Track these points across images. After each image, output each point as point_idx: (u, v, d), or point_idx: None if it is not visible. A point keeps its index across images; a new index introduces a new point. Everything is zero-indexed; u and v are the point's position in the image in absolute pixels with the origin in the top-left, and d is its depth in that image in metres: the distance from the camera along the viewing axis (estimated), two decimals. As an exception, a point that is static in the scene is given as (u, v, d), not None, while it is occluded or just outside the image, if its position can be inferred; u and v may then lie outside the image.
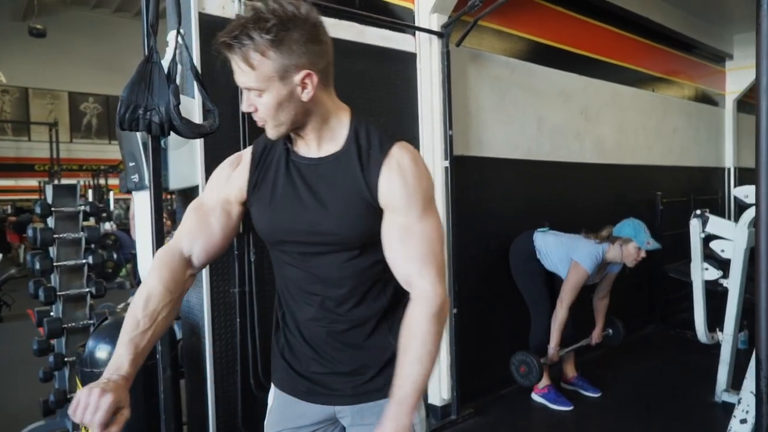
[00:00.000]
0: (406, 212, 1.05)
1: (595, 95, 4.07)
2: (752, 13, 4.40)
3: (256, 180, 1.13)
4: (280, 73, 0.98)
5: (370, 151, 1.07)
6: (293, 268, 1.14)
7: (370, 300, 1.12)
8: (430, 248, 1.05)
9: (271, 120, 1.04)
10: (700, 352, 3.97)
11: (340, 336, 1.13)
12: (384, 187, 1.05)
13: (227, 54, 0.99)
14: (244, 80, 1.00)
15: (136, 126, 1.76)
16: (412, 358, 1.00)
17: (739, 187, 3.02)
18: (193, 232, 1.13)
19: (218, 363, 2.21)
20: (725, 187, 5.85)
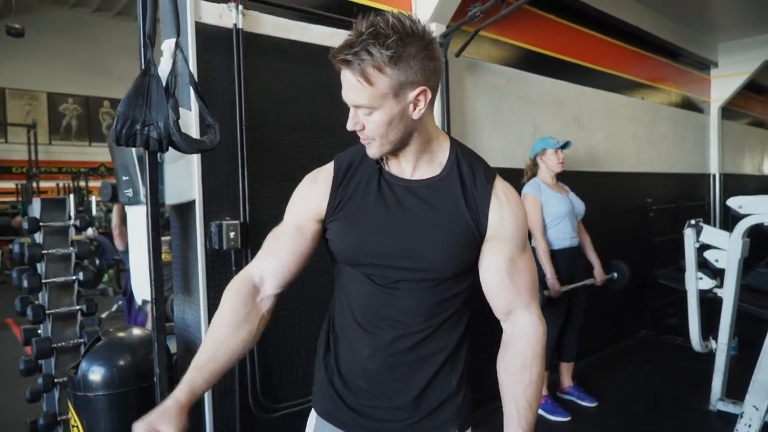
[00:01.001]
0: (513, 244, 1.05)
1: (587, 103, 4.09)
2: (737, 23, 4.49)
3: (341, 198, 1.09)
4: (395, 89, 0.96)
5: (476, 181, 1.06)
6: (370, 291, 1.08)
7: (442, 333, 1.09)
8: (532, 281, 1.08)
9: (380, 138, 1.01)
10: (691, 359, 4.00)
11: (403, 368, 1.08)
12: (494, 218, 1.05)
13: (343, 69, 0.97)
14: (356, 97, 0.98)
15: (134, 142, 1.69)
16: (534, 392, 1.04)
17: (733, 197, 3.04)
18: (264, 256, 1.12)
19: (216, 383, 2.14)
20: (711, 193, 5.92)
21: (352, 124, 1.02)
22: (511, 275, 1.05)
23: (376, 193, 1.07)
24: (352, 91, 0.97)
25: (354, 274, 1.11)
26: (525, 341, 1.06)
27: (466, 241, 1.04)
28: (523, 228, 1.07)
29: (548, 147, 3.09)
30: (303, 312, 2.39)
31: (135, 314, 4.25)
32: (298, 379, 2.41)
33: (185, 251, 2.20)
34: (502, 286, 1.06)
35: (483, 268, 1.07)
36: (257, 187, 2.26)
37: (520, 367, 1.04)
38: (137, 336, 2.08)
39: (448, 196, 1.05)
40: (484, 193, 1.04)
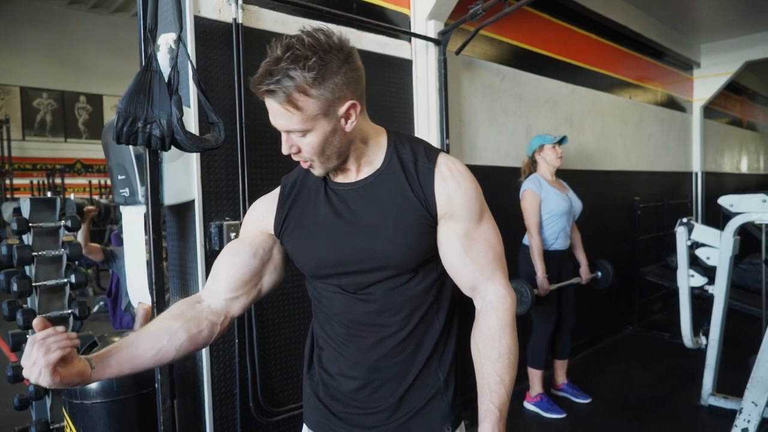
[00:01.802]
0: (467, 219, 1.03)
1: (579, 102, 4.11)
2: (719, 24, 4.57)
3: (286, 215, 1.09)
4: (324, 109, 0.94)
5: (417, 162, 1.04)
6: (341, 301, 1.07)
7: (423, 327, 1.07)
8: (494, 252, 1.05)
9: (318, 158, 1.00)
10: (678, 354, 4.08)
11: (388, 371, 1.07)
12: (441, 195, 1.02)
13: (267, 99, 0.95)
14: (286, 123, 0.95)
15: (135, 140, 1.63)
16: (504, 366, 0.99)
17: (723, 196, 3.09)
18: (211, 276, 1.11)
19: (216, 387, 2.09)
20: (693, 191, 6.03)
21: (286, 148, 0.99)
22: (468, 251, 1.03)
23: (324, 204, 1.06)
24: (281, 118, 0.95)
25: (323, 286, 1.10)
26: (492, 314, 1.03)
27: (420, 228, 1.02)
28: (474, 199, 1.04)
29: (545, 142, 3.10)
30: (303, 315, 2.35)
31: (120, 316, 4.14)
32: (298, 382, 2.35)
33: (183, 252, 2.14)
34: (461, 263, 1.03)
35: (441, 248, 1.04)
36: (257, 187, 2.20)
37: (488, 341, 1.01)
38: (135, 340, 2.01)
39: (393, 187, 1.03)
40: (426, 172, 1.02)
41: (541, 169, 3.13)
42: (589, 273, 3.33)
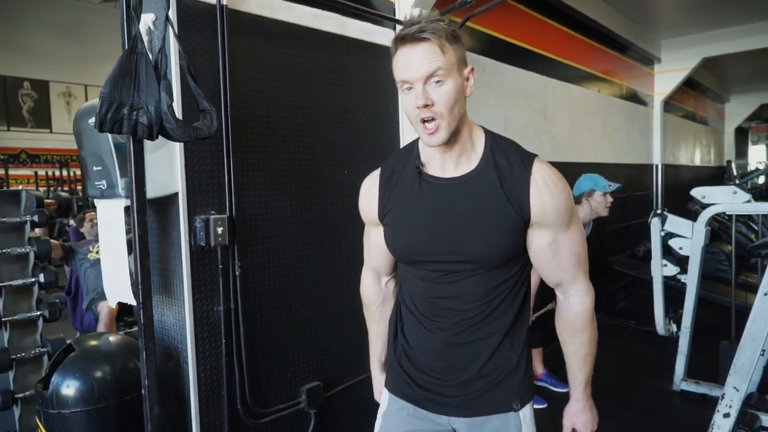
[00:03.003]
0: (556, 227, 1.12)
1: (553, 95, 4.15)
2: (678, 21, 4.68)
3: (386, 202, 1.20)
4: (458, 62, 1.07)
5: (513, 169, 1.10)
6: (426, 285, 1.19)
7: (498, 314, 1.18)
8: (578, 256, 1.16)
9: (448, 114, 1.06)
10: (645, 341, 4.22)
11: (464, 348, 1.18)
12: (536, 204, 1.10)
13: (412, 47, 1.04)
14: (430, 66, 1.03)
15: (120, 128, 1.50)
16: (585, 347, 1.19)
17: (696, 188, 3.18)
18: (368, 259, 1.37)
19: (203, 390, 1.98)
20: (654, 183, 6.23)
21: (423, 99, 1.04)
22: (555, 255, 1.14)
23: (419, 195, 1.15)
24: (427, 61, 1.03)
25: (411, 270, 1.22)
26: (572, 312, 1.18)
27: (510, 230, 1.11)
28: (565, 207, 1.12)
29: (598, 188, 2.94)
30: (291, 312, 2.27)
31: (81, 315, 3.92)
32: (287, 381, 2.28)
33: (164, 249, 2.01)
34: (548, 264, 1.16)
35: (530, 249, 1.15)
36: (243, 178, 2.10)
37: (571, 332, 1.19)
38: (114, 343, 1.88)
39: (488, 189, 1.10)
40: (522, 180, 1.09)
41: (582, 213, 2.95)
42: None
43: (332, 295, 2.44)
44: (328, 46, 2.41)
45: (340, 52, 2.47)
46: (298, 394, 2.31)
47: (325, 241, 2.41)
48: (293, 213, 2.29)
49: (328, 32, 2.40)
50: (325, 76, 2.39)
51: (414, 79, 1.04)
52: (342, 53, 2.48)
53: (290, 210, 2.28)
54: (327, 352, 2.43)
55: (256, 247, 2.15)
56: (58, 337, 1.96)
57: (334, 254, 2.43)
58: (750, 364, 2.17)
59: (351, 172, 2.52)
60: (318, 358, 2.40)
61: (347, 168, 2.52)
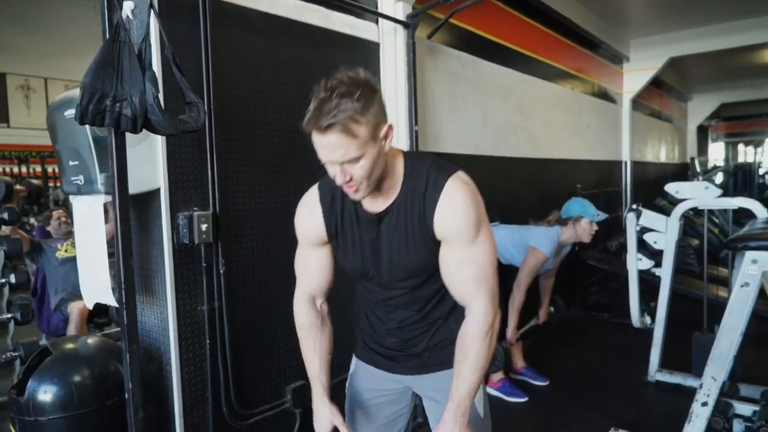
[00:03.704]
0: (459, 243, 1.20)
1: (528, 92, 4.19)
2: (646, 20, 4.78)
3: (335, 229, 1.29)
4: (372, 134, 1.09)
5: (426, 194, 1.19)
6: (375, 293, 1.37)
7: (438, 307, 1.35)
8: (482, 272, 1.22)
9: (366, 181, 1.12)
10: (620, 334, 4.31)
11: (412, 332, 1.37)
12: (438, 223, 1.19)
13: (321, 134, 1.06)
14: (344, 153, 1.07)
15: (102, 120, 1.44)
16: (468, 369, 1.22)
17: (669, 183, 3.26)
18: (304, 281, 1.42)
19: (187, 392, 1.93)
20: (623, 179, 6.38)
21: (341, 179, 1.11)
22: (458, 270, 1.22)
23: (356, 225, 1.28)
24: (338, 149, 1.07)
25: (362, 282, 1.40)
26: (469, 326, 1.23)
27: (429, 248, 1.23)
28: (466, 227, 1.19)
29: (586, 216, 3.03)
30: (273, 309, 2.22)
31: (48, 316, 3.76)
32: (272, 381, 2.24)
33: (145, 247, 1.94)
34: (452, 279, 1.24)
35: (439, 263, 1.25)
36: (227, 173, 2.04)
37: (463, 347, 1.23)
38: (94, 346, 1.80)
39: (408, 215, 1.21)
40: (431, 202, 1.18)
41: (565, 235, 3.07)
42: (546, 313, 3.47)
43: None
44: (312, 39, 2.37)
45: (325, 46, 2.43)
46: (284, 394, 2.27)
47: (310, 238, 2.37)
48: (277, 209, 2.24)
49: (313, 25, 2.36)
50: (309, 70, 2.34)
51: (331, 161, 1.10)
52: (326, 47, 2.44)
53: (274, 206, 2.23)
54: (312, 350, 2.39)
55: (240, 245, 2.10)
56: (31, 340, 1.87)
57: (318, 251, 2.39)
58: (727, 354, 2.23)
59: (335, 168, 2.49)
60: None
61: (331, 163, 2.48)
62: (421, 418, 2.83)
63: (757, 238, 2.20)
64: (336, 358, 1.45)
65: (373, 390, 1.48)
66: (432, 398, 1.43)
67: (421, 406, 1.55)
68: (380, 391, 1.48)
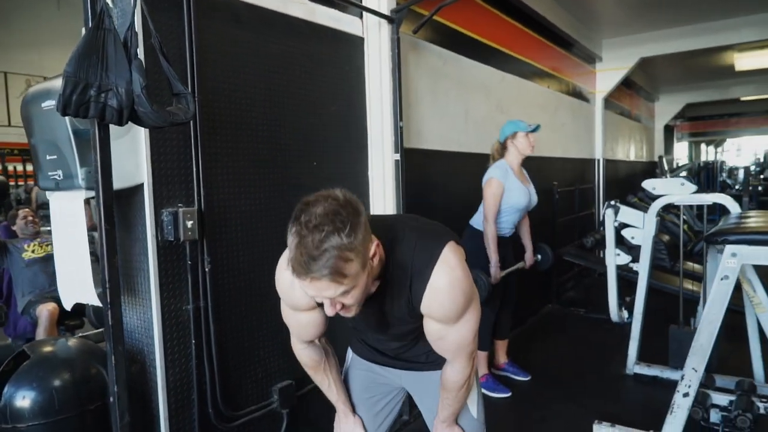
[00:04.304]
0: (443, 323, 1.23)
1: (508, 89, 4.22)
2: (618, 21, 4.86)
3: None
4: (362, 263, 1.04)
5: (411, 286, 1.19)
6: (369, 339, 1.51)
7: (420, 347, 1.43)
8: (461, 345, 1.29)
9: (360, 301, 1.11)
10: (597, 328, 4.40)
11: (410, 351, 1.47)
12: (424, 308, 1.21)
13: (312, 283, 1.01)
14: (334, 293, 1.03)
15: (86, 111, 1.37)
16: (450, 401, 1.40)
17: (647, 180, 3.33)
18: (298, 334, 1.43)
19: (172, 395, 1.86)
20: (596, 177, 6.50)
21: (332, 311, 1.09)
22: (439, 340, 1.28)
23: None
24: (329, 290, 1.03)
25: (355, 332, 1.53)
26: (447, 379, 1.37)
27: (415, 320, 1.27)
28: (452, 313, 1.21)
29: (519, 130, 3.08)
30: (260, 307, 2.17)
31: (15, 320, 3.60)
32: (258, 381, 2.19)
33: (127, 245, 1.86)
34: (433, 344, 1.31)
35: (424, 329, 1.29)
36: (212, 168, 1.98)
37: (444, 389, 1.40)
38: (74, 348, 1.72)
39: (391, 298, 1.23)
40: (418, 294, 1.19)
41: (510, 157, 3.11)
42: (532, 257, 3.43)
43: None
44: (296, 32, 2.33)
45: (309, 39, 2.39)
46: (270, 394, 2.23)
47: (296, 235, 2.32)
48: (263, 205, 2.19)
49: (297, 18, 2.31)
50: (294, 64, 2.30)
51: (321, 298, 1.07)
52: (311, 40, 2.40)
53: (260, 202, 2.18)
54: (298, 349, 2.35)
55: (225, 242, 2.05)
56: (5, 343, 1.77)
57: (304, 248, 2.34)
58: (708, 345, 2.28)
59: (319, 164, 2.45)
60: (290, 356, 2.26)
61: (316, 159, 2.44)
62: (407, 416, 2.82)
63: (736, 232, 2.25)
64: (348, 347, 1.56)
65: (367, 385, 1.58)
66: (423, 391, 1.54)
67: (408, 403, 1.73)
68: (374, 384, 1.58)
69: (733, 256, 2.21)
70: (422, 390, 1.56)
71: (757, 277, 2.41)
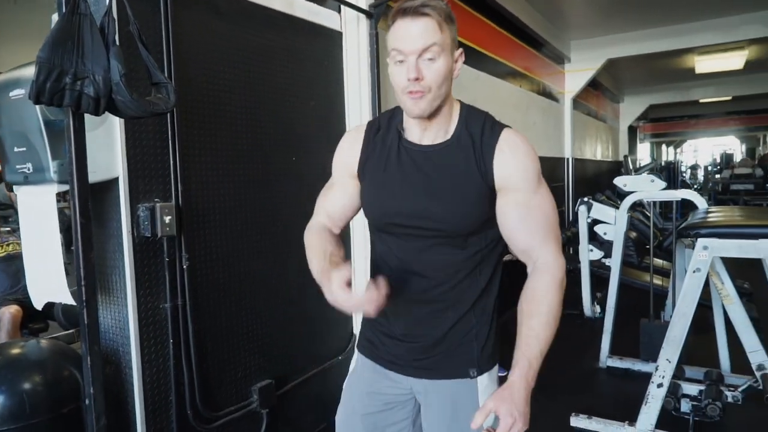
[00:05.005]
0: (523, 189, 1.10)
1: (482, 88, 4.25)
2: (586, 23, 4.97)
3: (367, 158, 1.20)
4: (452, 44, 1.08)
5: (483, 138, 1.12)
6: (397, 251, 1.18)
7: (465, 286, 1.17)
8: (548, 221, 1.12)
9: (435, 90, 1.07)
10: (567, 323, 4.44)
11: (427, 314, 1.19)
12: (499, 168, 1.10)
13: (413, 21, 1.03)
14: (426, 42, 1.03)
15: (60, 99, 1.31)
16: (541, 322, 1.06)
17: (618, 177, 3.41)
18: (321, 211, 1.29)
19: (149, 396, 1.80)
20: (566, 175, 6.63)
21: (414, 71, 1.04)
22: (524, 219, 1.11)
23: (395, 159, 1.16)
24: (425, 35, 1.04)
25: (382, 236, 1.22)
26: (540, 276, 1.09)
27: (477, 198, 1.11)
28: (531, 172, 1.12)
29: None
30: (239, 306, 2.12)
31: (-26, 323, 3.44)
32: (237, 381, 2.14)
33: (100, 241, 1.79)
34: (517, 229, 1.12)
35: (499, 216, 1.13)
36: (190, 162, 1.93)
37: (532, 300, 1.08)
38: (45, 349, 1.65)
39: (459, 158, 1.12)
40: (489, 147, 1.11)
41: None
42: None
43: (283, 288, 2.32)
44: (275, 25, 2.29)
45: (288, 33, 2.35)
46: (250, 394, 2.18)
47: (275, 232, 2.29)
48: (242, 201, 2.14)
49: (276, 10, 2.27)
50: (273, 57, 2.25)
51: (409, 51, 1.05)
52: (290, 34, 2.36)
53: (240, 197, 2.13)
54: (278, 347, 2.31)
55: (203, 238, 1.99)
56: (-31, 346, 1.68)
57: (284, 245, 2.31)
58: (681, 337, 2.35)
59: (298, 159, 2.42)
60: (269, 355, 2.27)
61: (294, 154, 2.40)
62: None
63: (707, 226, 2.32)
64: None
65: (373, 393, 1.27)
66: (436, 408, 1.23)
67: None
68: (381, 396, 1.27)
69: (705, 249, 2.28)
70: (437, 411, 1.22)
71: (726, 270, 2.50)
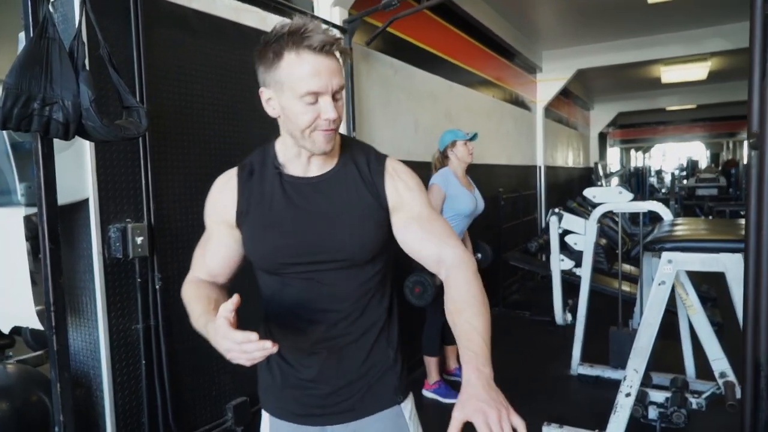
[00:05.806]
0: (418, 204, 1.12)
1: (456, 98, 4.31)
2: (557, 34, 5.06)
3: (246, 202, 1.12)
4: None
5: (370, 165, 1.12)
6: (295, 290, 1.13)
7: (371, 311, 1.15)
8: (445, 226, 1.13)
9: (339, 122, 1.04)
10: (541, 331, 4.55)
11: (340, 348, 1.14)
12: (391, 190, 1.11)
13: (323, 58, 0.98)
14: (339, 80, 1.01)
15: (28, 124, 1.29)
16: (474, 313, 1.01)
17: (588, 188, 3.49)
18: (201, 264, 1.20)
19: (121, 420, 1.78)
20: (537, 183, 6.75)
21: (334, 113, 1.01)
22: (427, 228, 1.11)
23: (281, 196, 1.11)
24: (337, 75, 1.01)
25: (273, 278, 1.14)
26: (457, 272, 1.07)
27: (374, 222, 1.10)
28: (419, 191, 1.14)
29: (458, 138, 3.16)
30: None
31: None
32: (212, 400, 2.13)
33: (70, 263, 1.77)
34: (423, 239, 1.11)
35: (399, 233, 1.12)
36: (163, 182, 1.91)
37: (457, 297, 1.04)
38: (12, 374, 1.61)
39: (348, 185, 1.11)
40: (379, 174, 1.11)
41: (452, 165, 3.18)
42: (473, 256, 3.50)
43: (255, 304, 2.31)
44: (248, 40, 2.28)
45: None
46: (224, 413, 2.17)
47: (249, 248, 2.28)
48: (215, 219, 2.13)
49: (249, 27, 2.28)
50: (247, 73, 2.25)
51: (326, 91, 0.99)
52: (262, 49, 2.36)
53: (212, 215, 2.12)
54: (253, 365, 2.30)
55: (177, 258, 1.98)
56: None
57: (258, 261, 2.30)
58: (647, 347, 2.41)
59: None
60: (243, 372, 2.23)
61: (269, 170, 2.40)
62: None
63: (671, 240, 2.40)
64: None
65: None
66: None
67: None
68: None
69: (669, 262, 2.35)
70: None
71: (690, 281, 2.58)
